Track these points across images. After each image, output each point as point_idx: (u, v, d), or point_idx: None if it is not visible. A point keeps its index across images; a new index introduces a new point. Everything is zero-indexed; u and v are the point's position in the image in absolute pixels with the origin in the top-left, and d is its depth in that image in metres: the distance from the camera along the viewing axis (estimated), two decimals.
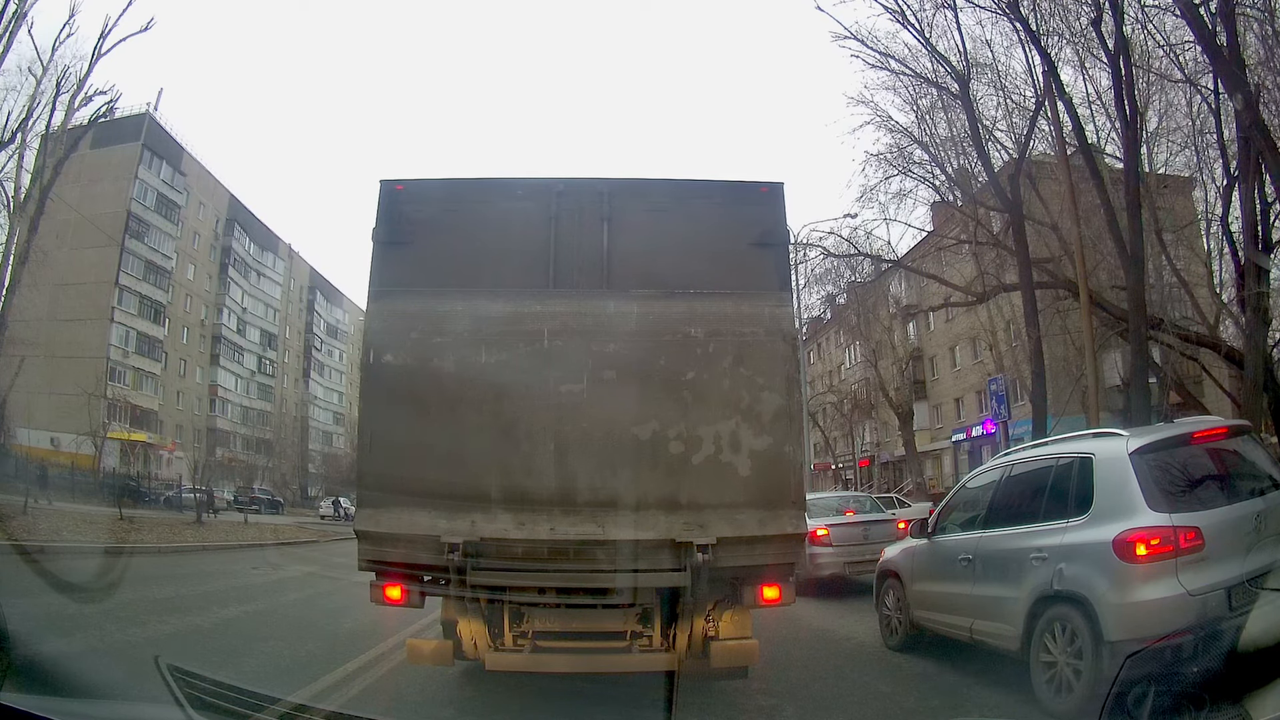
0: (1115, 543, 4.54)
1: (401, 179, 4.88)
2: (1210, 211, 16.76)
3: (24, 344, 26.14)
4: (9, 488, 21.59)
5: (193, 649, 6.66)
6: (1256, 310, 12.15)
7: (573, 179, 4.92)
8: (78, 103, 23.42)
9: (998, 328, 25.22)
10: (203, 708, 2.62)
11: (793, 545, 4.58)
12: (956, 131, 18.91)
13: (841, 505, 13.19)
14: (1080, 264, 15.10)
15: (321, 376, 69.63)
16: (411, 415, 4.51)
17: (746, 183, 4.97)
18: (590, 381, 4.44)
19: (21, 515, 17.24)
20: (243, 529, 25.68)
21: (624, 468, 4.38)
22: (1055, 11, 15.40)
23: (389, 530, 4.45)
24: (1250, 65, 12.63)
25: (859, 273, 24.53)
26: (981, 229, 19.44)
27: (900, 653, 6.87)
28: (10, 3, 20.63)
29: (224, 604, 9.60)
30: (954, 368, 38.19)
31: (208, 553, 17.82)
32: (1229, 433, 5.34)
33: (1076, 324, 16.98)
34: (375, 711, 4.88)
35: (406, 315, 4.60)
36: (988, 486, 6.35)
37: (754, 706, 5.21)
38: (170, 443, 48.85)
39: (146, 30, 23.69)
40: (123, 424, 41.82)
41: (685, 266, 4.67)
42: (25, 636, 3.56)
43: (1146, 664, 3.78)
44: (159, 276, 48.70)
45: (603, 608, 4.65)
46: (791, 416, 4.53)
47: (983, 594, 5.69)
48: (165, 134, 49.31)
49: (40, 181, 23.57)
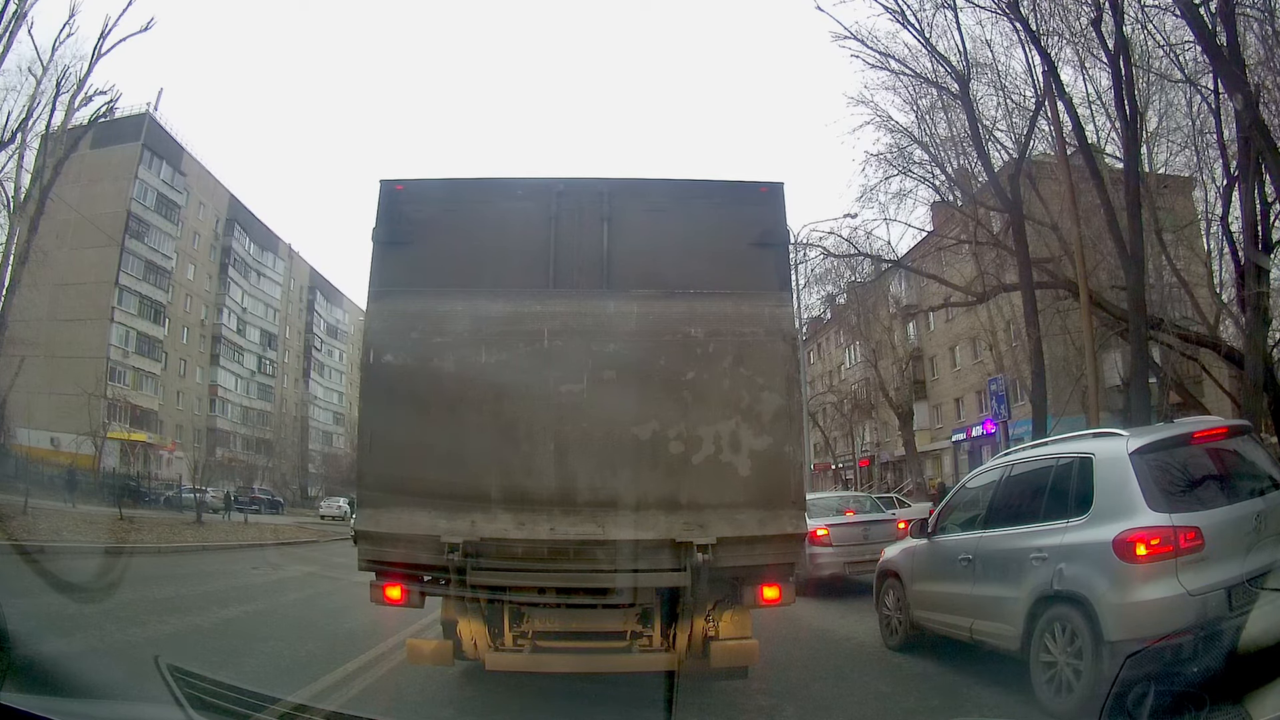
0: (1115, 543, 4.54)
1: (401, 179, 4.88)
2: (1210, 211, 16.76)
3: (24, 344, 26.14)
4: (9, 487, 21.59)
5: (193, 649, 6.67)
6: (1256, 310, 12.16)
7: (573, 179, 4.91)
8: (78, 103, 23.47)
9: (998, 328, 25.21)
10: (203, 708, 2.62)
11: (793, 545, 4.58)
12: (956, 131, 18.94)
13: (841, 505, 13.18)
14: (1080, 264, 15.09)
15: (321, 376, 69.62)
16: (411, 415, 4.51)
17: (746, 183, 4.97)
18: (590, 381, 4.44)
19: (21, 515, 17.23)
20: (243, 529, 25.71)
21: (624, 468, 4.38)
22: (1055, 11, 15.42)
23: (389, 530, 4.45)
24: (1250, 65, 12.63)
25: (859, 273, 24.52)
26: (981, 229, 19.43)
27: (900, 653, 6.87)
28: (10, 3, 20.69)
29: (224, 604, 9.60)
30: (954, 368, 38.18)
31: (208, 553, 17.83)
32: (1229, 433, 5.34)
33: (1076, 324, 16.97)
34: (375, 711, 4.88)
35: (406, 315, 4.60)
36: (988, 486, 6.35)
37: (754, 706, 5.21)
38: (170, 443, 48.85)
39: (146, 30, 23.79)
40: (123, 424, 41.80)
41: (685, 266, 4.67)
42: (25, 636, 3.56)
43: (1146, 664, 3.77)
44: (159, 276, 48.68)
45: (603, 608, 4.65)
46: (791, 416, 4.53)
47: (983, 594, 5.69)
48: (165, 134, 49.29)
49: (40, 181, 23.57)
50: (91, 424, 30.92)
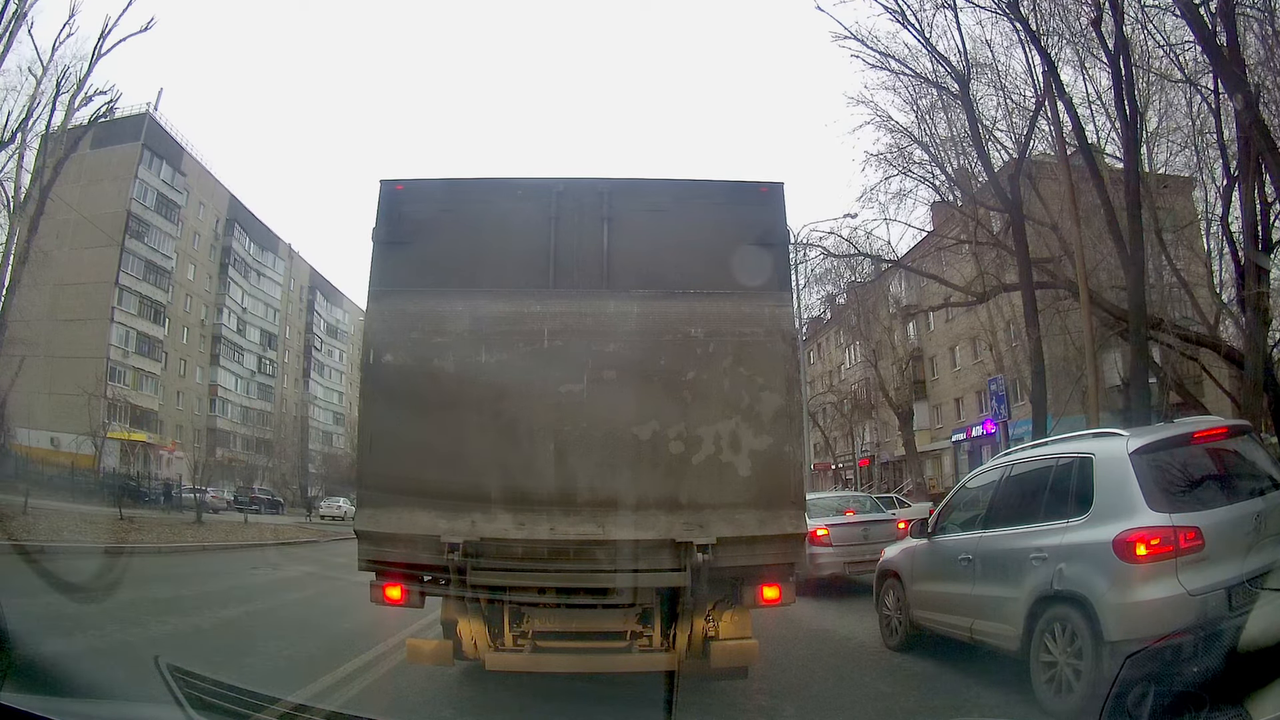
0: (1115, 543, 4.54)
1: (401, 179, 4.88)
2: (1210, 211, 16.76)
3: (24, 344, 26.09)
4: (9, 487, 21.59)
5: (193, 649, 6.66)
6: (1256, 310, 12.16)
7: (573, 179, 4.91)
8: (78, 103, 23.40)
9: (998, 328, 25.21)
10: (203, 708, 2.62)
11: (793, 545, 4.58)
12: (956, 131, 18.93)
13: (841, 505, 13.18)
14: (1080, 264, 15.09)
15: (321, 376, 69.62)
16: (411, 415, 4.51)
17: (746, 183, 4.97)
18: (590, 381, 4.44)
19: (21, 515, 17.23)
20: (243, 529, 25.69)
21: (624, 468, 4.38)
22: (1055, 11, 15.43)
23: (389, 530, 4.45)
24: (1250, 65, 12.63)
25: (859, 273, 24.55)
26: (981, 229, 19.43)
27: (900, 653, 6.87)
28: (10, 3, 20.64)
29: (224, 604, 9.60)
30: (954, 368, 38.17)
31: (208, 553, 17.84)
32: (1229, 433, 5.34)
33: (1076, 324, 16.97)
34: (375, 711, 4.88)
35: (406, 315, 4.60)
36: (988, 486, 6.35)
37: (754, 706, 5.21)
38: (170, 443, 48.84)
39: (146, 30, 23.67)
40: (123, 424, 41.78)
41: (685, 266, 4.67)
42: (25, 636, 3.55)
43: (1146, 664, 3.76)
44: (159, 276, 48.68)
45: (603, 608, 4.65)
46: (791, 416, 4.53)
47: (983, 594, 5.69)
48: (165, 134, 49.30)
49: (40, 181, 23.53)
50: (91, 424, 30.88)
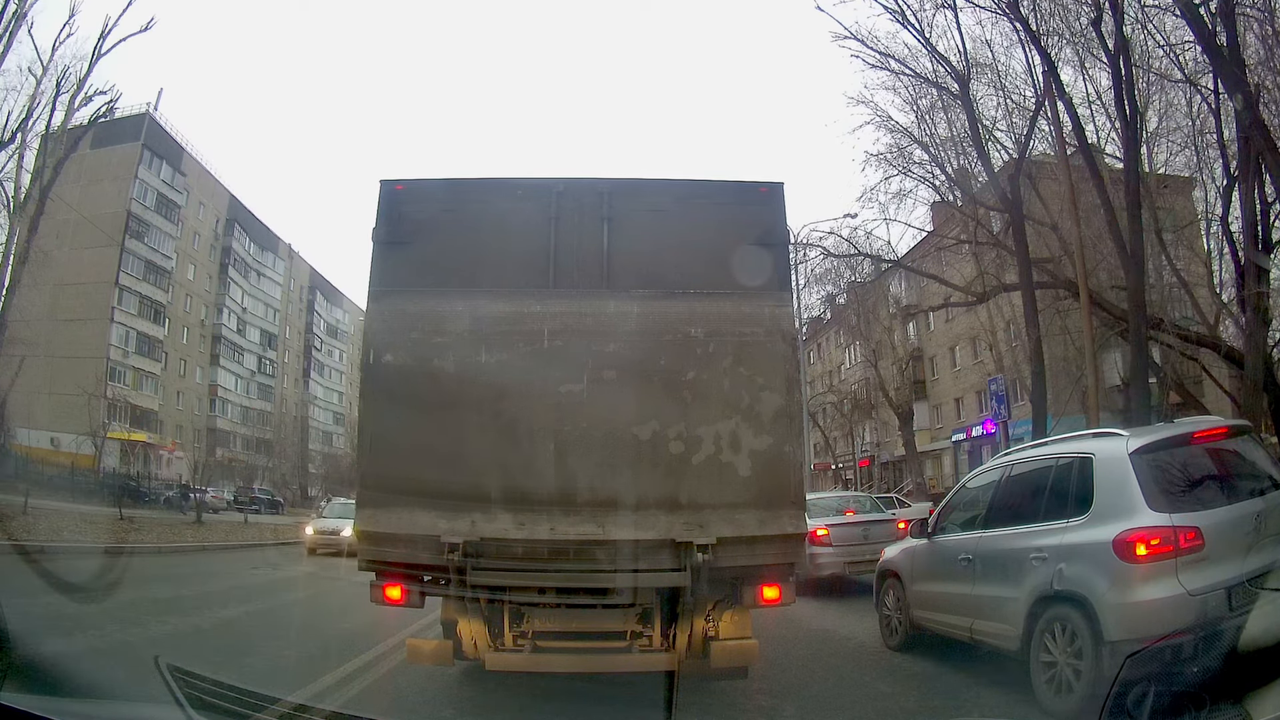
0: (1115, 543, 4.54)
1: (401, 179, 4.88)
2: (1210, 211, 16.75)
3: (24, 344, 26.11)
4: (9, 487, 21.59)
5: (193, 649, 6.66)
6: (1256, 310, 12.16)
7: (573, 179, 4.91)
8: (78, 103, 23.40)
9: (998, 328, 25.21)
10: (203, 708, 2.62)
11: (793, 545, 4.58)
12: (956, 131, 18.92)
13: (841, 505, 13.18)
14: (1080, 264, 15.09)
15: (321, 376, 69.63)
16: (411, 415, 4.51)
17: (746, 183, 4.98)
18: (590, 381, 4.44)
19: (22, 515, 17.23)
20: (243, 529, 25.70)
21: (624, 468, 4.38)
22: (1055, 11, 15.43)
23: (389, 530, 4.45)
24: (1250, 65, 12.63)
25: (859, 273, 24.53)
26: (981, 229, 19.42)
27: (900, 653, 6.87)
28: (10, 3, 20.65)
29: (224, 604, 9.60)
30: (954, 368, 38.17)
31: (208, 553, 17.85)
32: (1229, 433, 5.34)
33: (1076, 324, 16.97)
34: (375, 711, 4.88)
35: (406, 315, 4.60)
36: (988, 486, 6.35)
37: (754, 706, 5.21)
38: (170, 443, 48.84)
39: (146, 30, 23.68)
40: (123, 424, 41.79)
41: (685, 266, 4.67)
42: (25, 636, 3.56)
43: (1146, 664, 3.76)
44: (159, 276, 48.68)
45: (603, 608, 4.65)
46: (791, 416, 4.53)
47: (983, 594, 5.69)
48: (165, 134, 49.30)
49: (40, 181, 23.53)
50: (91, 424, 30.90)
